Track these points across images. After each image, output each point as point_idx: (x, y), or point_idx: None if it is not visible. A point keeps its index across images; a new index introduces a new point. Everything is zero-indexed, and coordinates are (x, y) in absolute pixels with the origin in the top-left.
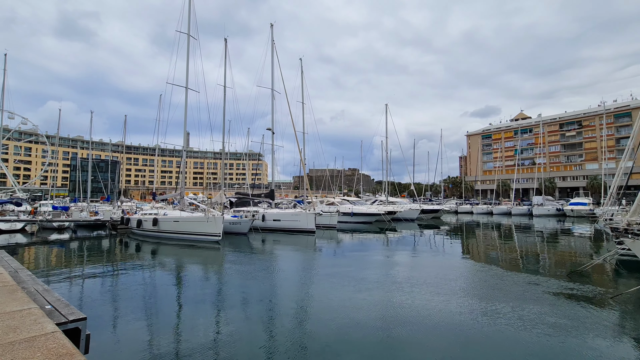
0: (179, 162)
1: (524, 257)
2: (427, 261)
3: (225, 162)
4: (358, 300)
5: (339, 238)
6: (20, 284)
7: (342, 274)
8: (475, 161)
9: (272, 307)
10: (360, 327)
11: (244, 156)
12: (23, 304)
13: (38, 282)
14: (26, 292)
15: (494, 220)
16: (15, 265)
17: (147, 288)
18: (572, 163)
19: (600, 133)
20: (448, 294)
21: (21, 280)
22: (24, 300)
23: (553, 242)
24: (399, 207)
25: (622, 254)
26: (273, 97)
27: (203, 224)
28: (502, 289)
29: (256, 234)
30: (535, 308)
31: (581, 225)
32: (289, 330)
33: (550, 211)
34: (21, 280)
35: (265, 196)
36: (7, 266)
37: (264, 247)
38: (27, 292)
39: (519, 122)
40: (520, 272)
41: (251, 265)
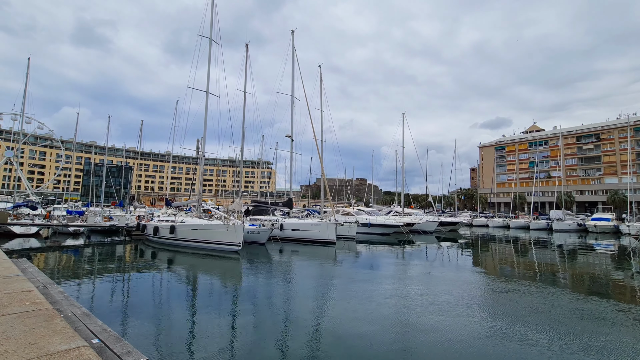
0: (188, 169)
1: (578, 279)
2: (458, 279)
3: (236, 169)
4: (380, 318)
5: (358, 250)
6: (54, 304)
7: (364, 289)
8: (489, 173)
9: (290, 324)
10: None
11: (258, 164)
12: (68, 338)
13: (74, 302)
14: (65, 318)
15: (512, 234)
16: (43, 279)
17: (167, 298)
18: (590, 177)
19: (620, 146)
20: (490, 319)
21: (55, 300)
22: (67, 332)
23: (600, 261)
24: (417, 218)
25: None
26: (293, 104)
27: (223, 233)
28: (587, 316)
29: (275, 244)
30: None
31: (608, 242)
32: (304, 347)
33: (571, 226)
34: (55, 300)
35: (284, 205)
36: (34, 280)
37: (284, 259)
38: (66, 317)
39: (533, 135)
40: (591, 295)
41: (272, 278)
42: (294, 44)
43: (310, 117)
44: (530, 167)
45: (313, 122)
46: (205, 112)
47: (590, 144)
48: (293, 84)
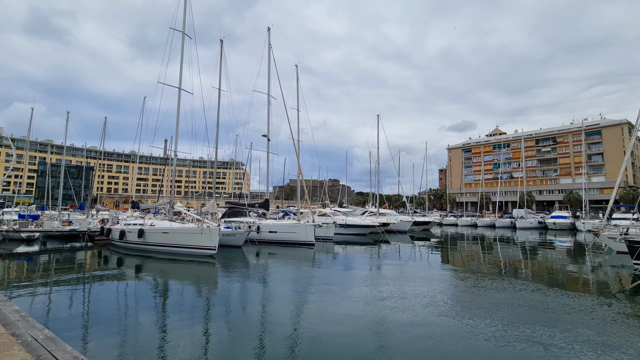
0: (156, 170)
1: (548, 273)
2: (433, 277)
3: (205, 170)
4: (357, 319)
5: (336, 251)
6: (9, 327)
7: (342, 291)
8: (457, 174)
9: (267, 329)
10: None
11: (230, 165)
12: None
13: (33, 323)
14: (24, 345)
15: (479, 232)
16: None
17: (138, 309)
18: (548, 177)
19: (574, 149)
20: (465, 314)
21: (9, 321)
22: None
23: (562, 256)
24: (392, 218)
25: None
26: (269, 103)
27: (197, 236)
28: (555, 310)
29: (252, 247)
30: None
31: (566, 238)
32: (280, 352)
33: (533, 224)
34: (9, 321)
35: (260, 206)
36: None
37: (261, 262)
38: (26, 344)
39: (496, 137)
40: (557, 291)
41: (249, 282)
42: (270, 42)
43: (288, 116)
44: (494, 168)
45: (290, 122)
46: (178, 110)
47: (548, 146)
48: (269, 82)
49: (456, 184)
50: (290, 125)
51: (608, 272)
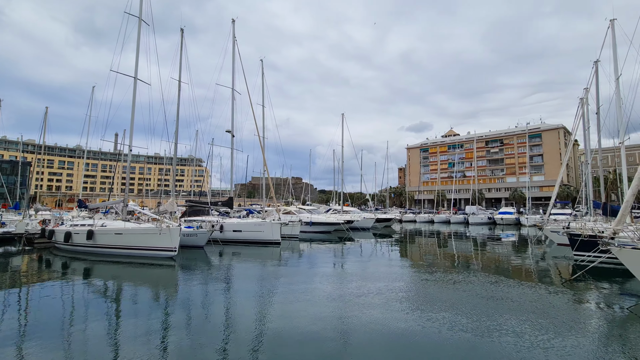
0: (105, 166)
1: (502, 265)
2: (396, 272)
3: (162, 167)
4: (322, 317)
5: (302, 249)
6: None
7: (308, 289)
8: (415, 172)
9: (230, 332)
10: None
11: (189, 161)
12: None
13: None
14: None
15: (436, 228)
16: None
17: (88, 319)
18: (496, 176)
19: (518, 150)
20: (428, 307)
21: None
22: None
23: (511, 249)
24: (355, 215)
25: (603, 262)
26: (233, 97)
27: (155, 237)
28: (508, 299)
29: (215, 247)
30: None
31: (512, 232)
32: (243, 355)
33: (483, 219)
34: None
35: (223, 204)
36: None
37: (225, 262)
38: None
39: (451, 138)
40: (514, 282)
41: (212, 284)
42: (234, 34)
43: (253, 112)
44: (449, 167)
45: (255, 118)
46: (133, 102)
47: (496, 148)
48: (234, 76)
49: (414, 182)
50: (256, 122)
51: (553, 263)
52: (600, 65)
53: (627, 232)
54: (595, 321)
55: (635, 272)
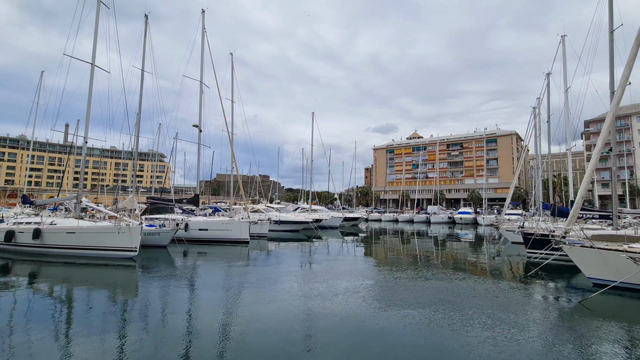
0: (52, 159)
1: (463, 262)
2: (362, 270)
3: (119, 161)
4: (288, 317)
5: (270, 248)
6: None
7: (275, 288)
8: (381, 173)
9: (194, 337)
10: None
11: (149, 156)
12: None
13: None
14: None
15: (400, 227)
16: None
17: (25, 325)
18: (456, 178)
19: (476, 154)
20: (404, 305)
21: None
22: None
23: (470, 247)
24: (324, 214)
25: (556, 259)
26: (202, 91)
27: (113, 236)
28: (469, 295)
29: (179, 246)
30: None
31: (469, 231)
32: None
33: (444, 219)
34: None
35: (189, 202)
36: None
37: (189, 262)
38: None
39: (415, 141)
40: (470, 277)
41: (174, 285)
42: (204, 25)
43: (222, 107)
44: (413, 168)
45: (225, 114)
46: (90, 89)
47: (456, 151)
48: (202, 69)
49: (380, 182)
50: (225, 117)
51: (509, 260)
52: (551, 77)
53: (575, 232)
54: (551, 314)
55: (583, 268)
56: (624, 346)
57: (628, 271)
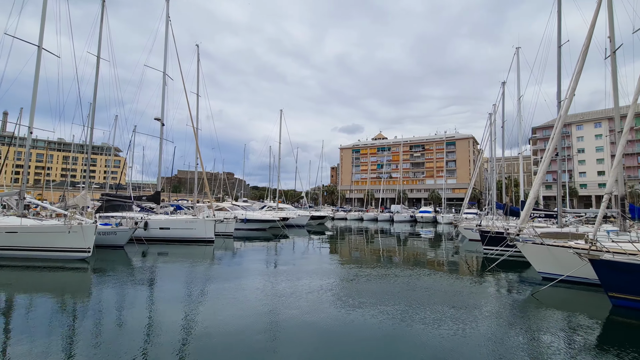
0: None
1: (425, 259)
2: (329, 269)
3: (68, 154)
4: (252, 316)
5: (236, 247)
6: None
7: (240, 288)
8: (347, 172)
9: (152, 343)
10: (246, 346)
11: (103, 150)
12: None
13: None
14: None
15: (365, 225)
16: None
17: None
18: (417, 178)
19: (436, 156)
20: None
21: None
22: None
23: (432, 245)
24: (291, 213)
25: (512, 255)
26: (165, 82)
27: (62, 236)
28: (431, 290)
29: (138, 246)
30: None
31: (430, 229)
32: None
33: (406, 218)
34: None
35: (149, 199)
36: None
37: (149, 263)
38: None
39: (380, 141)
40: (432, 273)
41: (131, 288)
42: (168, 13)
43: (187, 100)
44: (378, 168)
45: (190, 108)
46: (36, 75)
47: (418, 152)
48: (166, 59)
49: (346, 181)
50: (190, 111)
51: (468, 256)
52: (506, 86)
53: (528, 230)
54: (505, 306)
55: (534, 263)
56: (569, 333)
57: (574, 266)
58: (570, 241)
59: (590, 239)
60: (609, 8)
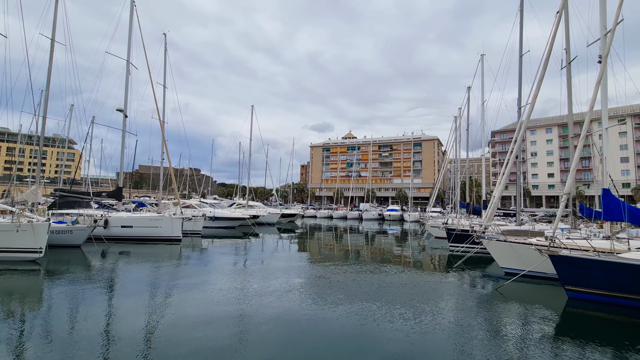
0: None
1: (395, 256)
2: (299, 267)
3: (12, 145)
4: (220, 318)
5: (204, 246)
6: None
7: (207, 289)
8: (317, 170)
9: (111, 351)
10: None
11: (55, 142)
12: None
13: None
14: None
15: (334, 223)
16: None
17: None
18: (385, 177)
19: (404, 156)
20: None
21: None
22: None
23: (399, 242)
24: (261, 210)
25: (477, 252)
26: (129, 71)
27: (9, 235)
28: (400, 286)
29: (97, 246)
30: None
31: (397, 227)
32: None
33: (374, 216)
34: None
35: (109, 195)
36: None
37: (109, 264)
38: None
39: (350, 140)
40: (401, 270)
41: (91, 291)
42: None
43: (154, 92)
44: (347, 167)
45: (155, 99)
46: None
47: (387, 152)
48: (130, 47)
49: (316, 179)
50: (157, 103)
51: (435, 253)
52: (471, 91)
53: (492, 228)
54: (472, 300)
55: (498, 259)
56: (530, 324)
57: (535, 261)
58: (531, 238)
59: (550, 236)
60: (565, 23)
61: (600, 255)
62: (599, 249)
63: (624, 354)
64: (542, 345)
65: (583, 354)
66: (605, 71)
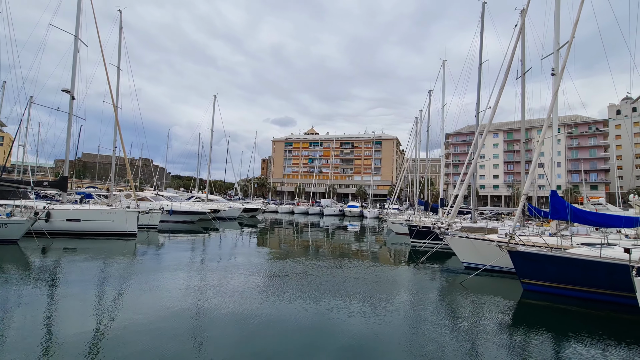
0: None
1: (358, 252)
2: (260, 263)
3: None
4: (177, 315)
5: (161, 241)
6: None
7: (162, 287)
8: (279, 165)
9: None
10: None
11: None
12: None
13: None
14: None
15: (296, 219)
16: None
17: None
18: (346, 174)
19: (365, 153)
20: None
21: None
22: None
23: (360, 238)
24: (222, 205)
25: (442, 248)
26: (77, 48)
27: None
28: (362, 281)
29: (38, 241)
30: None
31: (357, 223)
32: None
33: (335, 212)
34: None
35: (52, 185)
36: None
37: (52, 261)
38: None
39: (313, 136)
40: (364, 265)
41: (28, 292)
42: None
43: (107, 73)
44: (309, 162)
45: (109, 80)
46: None
47: (348, 149)
48: (79, 21)
49: (278, 173)
50: (110, 86)
51: (397, 249)
52: (432, 94)
53: (455, 225)
54: (436, 294)
55: (459, 255)
56: (489, 314)
57: (495, 256)
58: (489, 235)
59: (509, 233)
60: (522, 37)
61: (552, 251)
62: (551, 245)
63: (571, 340)
64: (500, 333)
65: (536, 340)
66: (558, 83)
